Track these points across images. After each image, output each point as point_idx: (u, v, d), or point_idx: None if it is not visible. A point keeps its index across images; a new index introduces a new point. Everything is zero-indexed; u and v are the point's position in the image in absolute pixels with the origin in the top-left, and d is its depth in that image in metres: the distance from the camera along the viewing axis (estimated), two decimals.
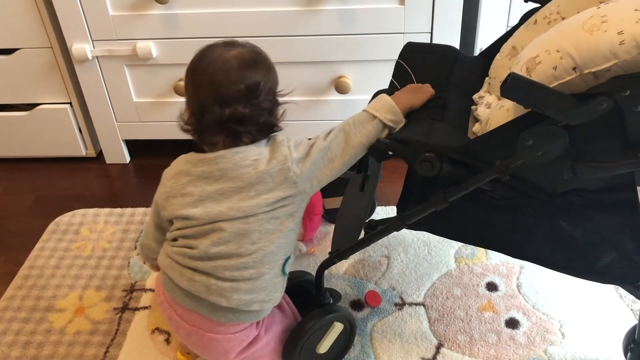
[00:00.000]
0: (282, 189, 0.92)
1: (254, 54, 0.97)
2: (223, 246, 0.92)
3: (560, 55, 0.76)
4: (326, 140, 0.95)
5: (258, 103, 0.93)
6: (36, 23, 1.53)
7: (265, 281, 0.95)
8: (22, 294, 1.31)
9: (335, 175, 0.96)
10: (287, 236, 0.96)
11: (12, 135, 1.73)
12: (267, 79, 0.95)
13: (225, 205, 0.92)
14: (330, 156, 0.94)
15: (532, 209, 0.92)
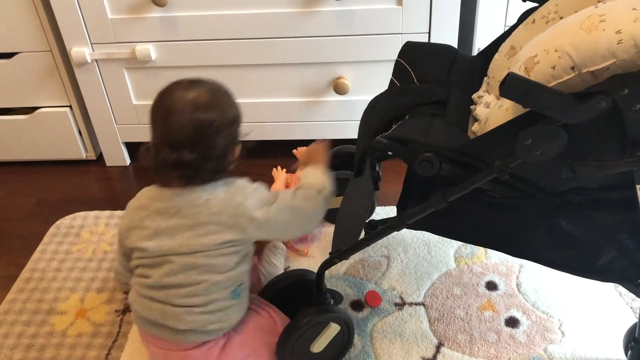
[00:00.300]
0: (231, 233, 0.96)
1: (211, 96, 0.97)
2: (174, 277, 0.97)
3: (559, 55, 0.76)
4: (290, 203, 1.01)
5: (207, 149, 0.94)
6: (35, 27, 1.53)
7: (216, 306, 0.98)
8: (23, 297, 1.31)
9: (285, 236, 1.11)
10: (235, 270, 0.99)
11: (13, 139, 1.74)
12: (222, 121, 0.96)
13: (177, 241, 0.96)
14: (286, 220, 1.00)
15: (532, 208, 0.92)
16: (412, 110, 1.00)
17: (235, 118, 0.99)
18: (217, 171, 0.98)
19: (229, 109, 0.98)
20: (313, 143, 1.24)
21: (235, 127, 0.99)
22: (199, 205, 0.96)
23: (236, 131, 0.99)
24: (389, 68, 1.53)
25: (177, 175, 0.96)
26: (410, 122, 0.98)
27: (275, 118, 1.64)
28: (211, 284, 0.97)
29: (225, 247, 0.96)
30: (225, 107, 0.97)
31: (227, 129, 0.96)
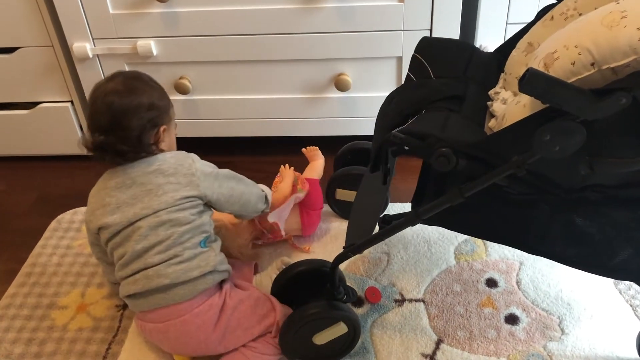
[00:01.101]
0: (186, 190, 1.07)
1: (124, 84, 1.07)
2: (145, 240, 1.04)
3: (579, 51, 0.76)
4: (234, 174, 1.16)
5: (122, 132, 1.04)
6: (37, 22, 1.53)
7: (190, 253, 1.05)
8: (24, 292, 1.32)
9: (229, 201, 1.14)
10: (197, 221, 1.07)
11: (14, 134, 1.74)
12: (135, 106, 1.05)
13: (139, 206, 1.05)
14: (231, 185, 1.14)
15: (548, 204, 0.92)
16: (429, 105, 1.00)
17: (152, 104, 1.07)
18: (139, 151, 1.07)
19: (142, 95, 1.06)
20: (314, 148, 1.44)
21: (152, 112, 1.07)
22: (153, 172, 1.07)
23: (155, 115, 1.08)
24: (390, 65, 1.55)
25: (108, 156, 1.06)
26: (426, 116, 0.98)
27: (276, 114, 1.64)
28: (178, 235, 1.04)
29: (184, 202, 1.06)
30: (139, 94, 1.06)
31: (140, 113, 1.05)
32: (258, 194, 1.20)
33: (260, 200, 1.21)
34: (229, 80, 1.59)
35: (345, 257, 1.08)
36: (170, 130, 1.13)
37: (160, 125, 1.09)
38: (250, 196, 1.18)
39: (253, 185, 1.20)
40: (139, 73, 1.14)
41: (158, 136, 1.09)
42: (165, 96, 1.13)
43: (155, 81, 1.14)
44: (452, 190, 0.92)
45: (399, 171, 1.58)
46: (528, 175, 0.86)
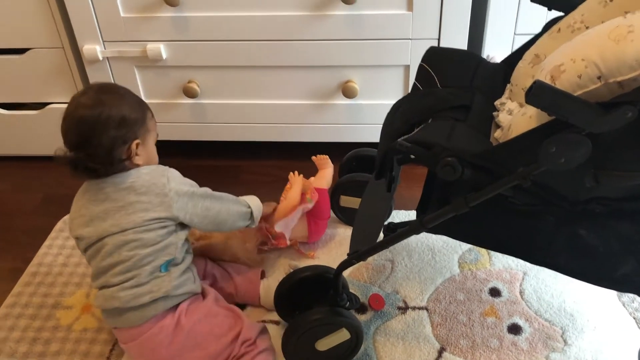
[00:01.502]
0: (157, 211, 1.04)
1: (97, 99, 1.03)
2: (109, 258, 1.04)
3: (586, 64, 0.76)
4: (211, 192, 1.12)
5: (92, 148, 1.01)
6: (48, 23, 1.55)
7: (145, 278, 1.04)
8: (29, 291, 1.33)
9: (204, 221, 1.10)
10: (162, 243, 1.05)
11: (23, 134, 1.75)
12: (107, 122, 1.01)
13: (109, 222, 1.04)
14: (206, 205, 1.09)
15: (553, 215, 0.92)
16: (435, 114, 1.01)
17: (122, 118, 1.03)
18: (110, 167, 1.03)
19: (112, 109, 1.02)
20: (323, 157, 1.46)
21: (123, 126, 1.03)
22: (126, 188, 1.04)
23: (126, 130, 1.03)
24: (397, 73, 1.55)
25: (79, 172, 1.04)
26: (433, 125, 0.99)
27: (284, 120, 1.65)
28: (139, 258, 1.03)
29: (153, 223, 1.04)
30: (108, 108, 1.02)
31: (109, 129, 1.01)
32: (238, 212, 1.16)
33: (241, 218, 1.16)
34: (237, 85, 1.60)
35: (349, 264, 1.09)
36: (146, 143, 1.09)
37: (132, 140, 1.04)
38: (227, 216, 1.13)
39: (233, 203, 1.16)
40: (112, 85, 1.12)
41: (130, 151, 1.05)
42: (140, 108, 1.08)
43: (131, 92, 1.10)
44: (457, 200, 0.92)
45: (404, 179, 1.58)
46: (533, 186, 0.86)
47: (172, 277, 1.06)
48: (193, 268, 1.13)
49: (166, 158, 1.15)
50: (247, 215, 1.17)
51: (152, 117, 1.11)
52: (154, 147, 1.12)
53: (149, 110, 1.11)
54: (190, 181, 1.11)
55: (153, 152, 1.12)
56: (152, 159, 1.11)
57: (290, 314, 1.19)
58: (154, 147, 1.12)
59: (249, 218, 1.18)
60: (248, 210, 1.18)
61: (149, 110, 1.11)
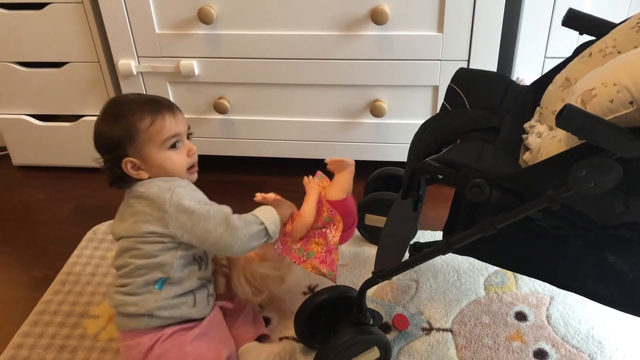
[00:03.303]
0: (156, 225, 1.03)
1: (98, 118, 1.07)
2: (117, 259, 1.08)
3: (617, 89, 0.76)
4: (217, 213, 1.04)
5: (105, 160, 1.07)
6: (86, 39, 1.60)
7: (136, 288, 1.05)
8: (58, 299, 1.35)
9: (204, 245, 1.05)
10: (157, 258, 1.04)
11: (57, 145, 1.80)
12: (100, 145, 1.07)
13: (123, 225, 1.06)
14: (207, 227, 1.02)
15: (580, 240, 0.92)
16: (464, 135, 1.01)
17: (105, 141, 1.06)
18: (118, 180, 1.06)
19: (99, 130, 1.07)
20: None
21: (108, 149, 1.05)
22: (138, 197, 1.05)
23: (112, 152, 1.05)
24: (426, 93, 1.56)
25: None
26: (461, 146, 0.99)
27: (311, 137, 1.67)
28: (135, 267, 1.04)
29: (151, 236, 1.03)
30: (99, 129, 1.07)
31: (103, 149, 1.07)
32: (249, 235, 1.04)
33: (254, 238, 1.05)
34: (266, 102, 1.63)
35: (374, 282, 1.09)
36: (147, 155, 1.04)
37: (121, 159, 1.03)
38: (232, 241, 1.02)
39: (243, 227, 1.03)
40: (116, 99, 1.10)
41: (127, 170, 1.04)
42: (126, 124, 1.03)
43: (126, 104, 1.06)
44: (484, 221, 0.92)
45: (429, 199, 1.58)
46: (562, 209, 0.86)
47: (160, 297, 1.04)
48: (201, 292, 1.09)
49: None
50: (260, 233, 1.06)
51: (153, 124, 1.03)
52: (166, 154, 1.05)
53: (149, 118, 1.03)
54: (200, 197, 1.06)
55: (164, 161, 1.05)
56: (164, 168, 1.06)
57: (312, 337, 1.19)
58: (163, 155, 1.05)
59: (264, 235, 1.07)
60: (261, 228, 1.06)
61: (147, 118, 1.03)
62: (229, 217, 1.03)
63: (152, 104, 1.06)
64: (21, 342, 1.24)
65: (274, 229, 1.08)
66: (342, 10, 1.45)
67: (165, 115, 1.05)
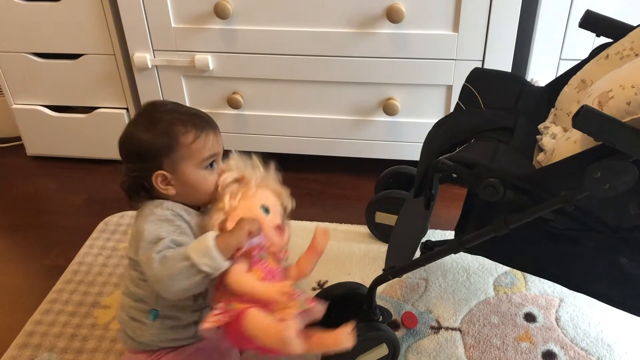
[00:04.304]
0: (133, 251, 0.96)
1: (130, 122, 0.99)
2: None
3: (635, 91, 0.76)
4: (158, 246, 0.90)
5: (134, 169, 0.96)
6: (102, 31, 1.61)
7: (132, 314, 1.01)
8: (70, 288, 1.36)
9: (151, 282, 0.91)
10: (142, 289, 0.98)
11: (70, 136, 1.81)
12: (129, 153, 0.97)
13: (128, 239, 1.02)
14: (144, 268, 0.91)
15: (594, 241, 0.91)
16: (478, 134, 1.01)
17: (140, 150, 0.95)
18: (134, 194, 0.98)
19: (134, 137, 0.95)
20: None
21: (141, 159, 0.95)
22: (137, 217, 0.98)
23: (144, 163, 0.95)
24: (439, 92, 1.56)
25: None
26: (475, 145, 0.99)
27: (323, 134, 1.67)
28: (130, 293, 1.01)
29: (133, 263, 0.97)
30: (133, 136, 0.96)
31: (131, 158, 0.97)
32: (178, 269, 0.86)
33: (183, 276, 0.87)
34: (280, 98, 1.63)
35: (384, 279, 1.09)
36: (181, 172, 0.95)
37: (152, 172, 0.95)
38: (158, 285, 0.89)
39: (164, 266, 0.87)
40: (155, 105, 1.01)
41: (154, 183, 0.96)
42: (168, 135, 0.94)
43: (169, 113, 0.97)
44: (497, 221, 0.92)
45: (440, 198, 1.58)
46: (575, 211, 0.86)
47: (155, 330, 0.99)
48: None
49: None
50: (189, 270, 0.86)
51: (196, 141, 0.95)
52: (202, 174, 0.97)
53: (193, 133, 0.95)
54: (166, 231, 0.92)
55: (198, 180, 0.97)
56: (195, 187, 0.97)
57: None
58: (199, 174, 0.97)
59: (195, 273, 0.87)
60: (185, 264, 0.86)
61: (191, 133, 0.95)
62: (151, 258, 0.88)
63: (196, 119, 0.98)
64: (33, 330, 1.25)
65: (208, 262, 0.87)
66: (358, 8, 1.45)
67: (209, 133, 0.98)
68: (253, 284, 0.91)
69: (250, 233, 0.92)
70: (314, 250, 1.01)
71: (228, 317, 0.90)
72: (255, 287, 0.91)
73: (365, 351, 1.09)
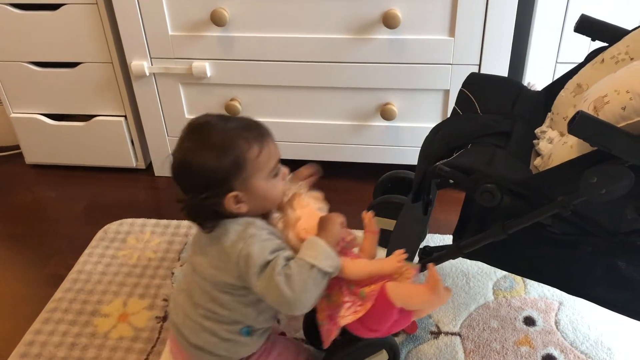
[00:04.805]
0: (232, 278, 0.94)
1: (205, 145, 0.91)
2: (195, 291, 0.99)
3: (630, 96, 0.77)
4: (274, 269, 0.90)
5: (203, 197, 0.91)
6: (100, 39, 1.61)
7: (225, 335, 0.98)
8: (70, 297, 1.36)
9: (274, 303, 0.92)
10: (238, 311, 0.97)
11: (69, 144, 1.82)
12: (191, 182, 0.92)
13: (201, 261, 0.97)
14: (263, 291, 0.91)
15: (591, 246, 0.92)
16: (475, 139, 1.01)
17: (208, 178, 0.91)
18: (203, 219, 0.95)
19: (197, 167, 0.91)
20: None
21: (210, 186, 0.91)
22: (217, 237, 0.94)
23: (214, 189, 0.91)
24: (436, 97, 1.56)
25: None
26: (472, 151, 1.00)
27: (322, 139, 1.67)
28: (218, 316, 0.97)
29: (227, 287, 0.95)
30: (193, 164, 0.91)
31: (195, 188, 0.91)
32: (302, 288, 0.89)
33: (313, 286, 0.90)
34: (277, 104, 1.64)
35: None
36: (253, 187, 0.93)
37: (224, 195, 0.91)
38: (289, 304, 0.90)
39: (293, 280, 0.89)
40: (196, 134, 0.94)
41: (229, 205, 0.92)
42: (234, 153, 0.90)
43: (226, 129, 0.92)
44: (495, 226, 0.93)
45: (439, 203, 1.58)
46: (573, 216, 0.86)
47: (253, 344, 1.00)
48: None
49: None
50: (317, 277, 0.90)
51: (261, 153, 0.92)
52: (272, 183, 0.96)
53: (256, 146, 0.92)
54: (271, 245, 0.92)
55: (269, 190, 0.95)
56: (267, 198, 0.96)
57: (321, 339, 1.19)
58: (270, 185, 0.95)
59: (322, 276, 0.91)
60: (313, 273, 0.90)
61: (255, 146, 0.92)
62: (276, 282, 0.88)
63: (252, 129, 0.94)
64: (33, 339, 1.25)
65: (330, 262, 0.91)
66: (355, 14, 1.46)
67: (269, 142, 0.95)
68: (372, 264, 0.99)
69: (342, 224, 0.97)
70: (370, 232, 1.08)
71: (365, 303, 0.95)
72: (376, 264, 0.98)
73: (365, 357, 1.09)
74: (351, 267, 0.95)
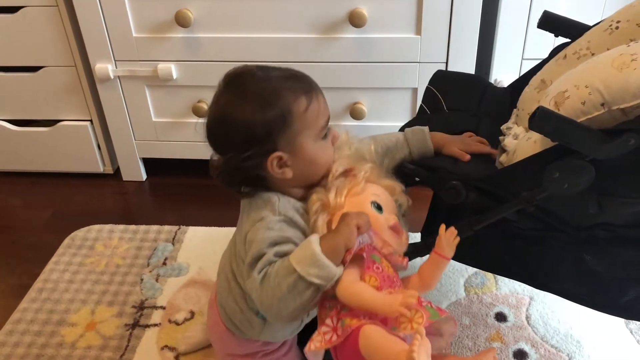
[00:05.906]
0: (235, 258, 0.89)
1: (246, 95, 0.81)
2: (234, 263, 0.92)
3: (589, 91, 0.77)
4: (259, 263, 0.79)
5: (242, 158, 0.81)
6: (62, 42, 1.58)
7: (242, 313, 0.91)
8: (35, 307, 1.33)
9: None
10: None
11: (34, 150, 1.77)
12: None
13: (236, 231, 0.92)
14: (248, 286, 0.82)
15: (557, 241, 0.92)
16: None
17: (247, 133, 0.80)
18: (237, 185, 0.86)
19: (234, 120, 0.81)
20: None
21: (250, 143, 0.80)
22: (243, 210, 0.87)
23: (255, 147, 0.80)
24: (405, 95, 1.56)
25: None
26: None
27: None
28: (238, 288, 0.89)
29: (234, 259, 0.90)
30: (230, 117, 0.81)
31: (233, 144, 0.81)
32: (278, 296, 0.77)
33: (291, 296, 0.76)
34: None
35: None
36: (299, 149, 0.82)
37: (266, 156, 0.81)
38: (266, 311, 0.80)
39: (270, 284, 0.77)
40: (235, 83, 0.83)
41: (268, 168, 0.82)
42: (276, 107, 0.79)
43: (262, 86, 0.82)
44: (461, 223, 0.92)
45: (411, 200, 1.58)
46: (537, 211, 0.86)
47: (270, 329, 0.91)
48: None
49: (174, 176, 1.14)
50: (297, 286, 0.75)
51: (310, 107, 0.82)
52: (322, 145, 0.84)
53: (304, 98, 0.81)
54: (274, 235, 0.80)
55: (318, 154, 0.84)
56: (315, 162, 0.84)
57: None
58: (319, 146, 0.84)
59: (304, 288, 0.75)
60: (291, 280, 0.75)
61: (302, 99, 0.81)
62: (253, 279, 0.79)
63: (302, 81, 0.84)
64: None
65: (316, 271, 0.74)
66: (320, 13, 1.45)
67: (318, 95, 0.83)
68: (370, 295, 0.74)
69: (358, 228, 0.77)
70: (439, 254, 0.84)
71: (338, 337, 0.75)
72: (374, 298, 0.74)
73: None
74: (346, 287, 0.76)
